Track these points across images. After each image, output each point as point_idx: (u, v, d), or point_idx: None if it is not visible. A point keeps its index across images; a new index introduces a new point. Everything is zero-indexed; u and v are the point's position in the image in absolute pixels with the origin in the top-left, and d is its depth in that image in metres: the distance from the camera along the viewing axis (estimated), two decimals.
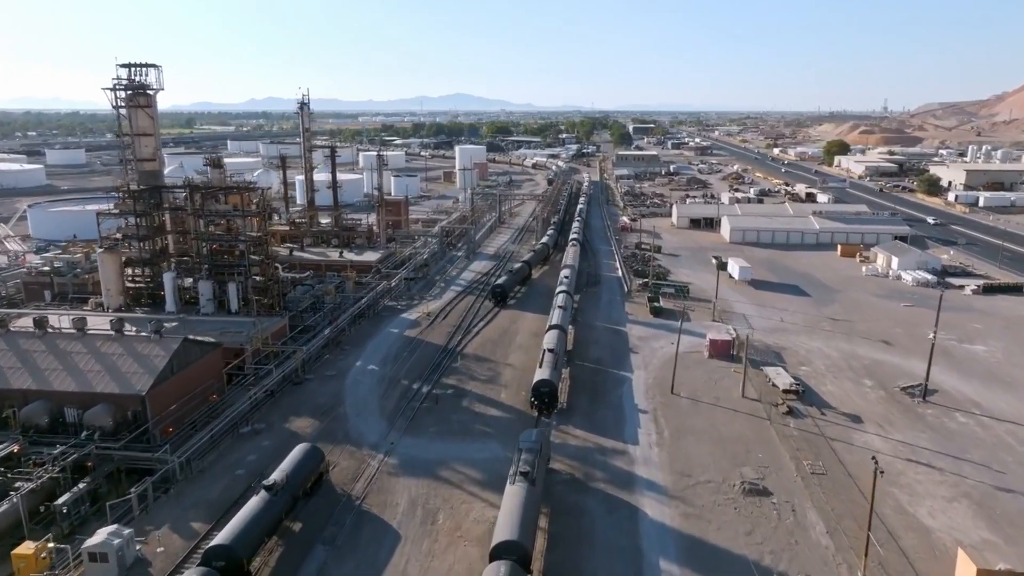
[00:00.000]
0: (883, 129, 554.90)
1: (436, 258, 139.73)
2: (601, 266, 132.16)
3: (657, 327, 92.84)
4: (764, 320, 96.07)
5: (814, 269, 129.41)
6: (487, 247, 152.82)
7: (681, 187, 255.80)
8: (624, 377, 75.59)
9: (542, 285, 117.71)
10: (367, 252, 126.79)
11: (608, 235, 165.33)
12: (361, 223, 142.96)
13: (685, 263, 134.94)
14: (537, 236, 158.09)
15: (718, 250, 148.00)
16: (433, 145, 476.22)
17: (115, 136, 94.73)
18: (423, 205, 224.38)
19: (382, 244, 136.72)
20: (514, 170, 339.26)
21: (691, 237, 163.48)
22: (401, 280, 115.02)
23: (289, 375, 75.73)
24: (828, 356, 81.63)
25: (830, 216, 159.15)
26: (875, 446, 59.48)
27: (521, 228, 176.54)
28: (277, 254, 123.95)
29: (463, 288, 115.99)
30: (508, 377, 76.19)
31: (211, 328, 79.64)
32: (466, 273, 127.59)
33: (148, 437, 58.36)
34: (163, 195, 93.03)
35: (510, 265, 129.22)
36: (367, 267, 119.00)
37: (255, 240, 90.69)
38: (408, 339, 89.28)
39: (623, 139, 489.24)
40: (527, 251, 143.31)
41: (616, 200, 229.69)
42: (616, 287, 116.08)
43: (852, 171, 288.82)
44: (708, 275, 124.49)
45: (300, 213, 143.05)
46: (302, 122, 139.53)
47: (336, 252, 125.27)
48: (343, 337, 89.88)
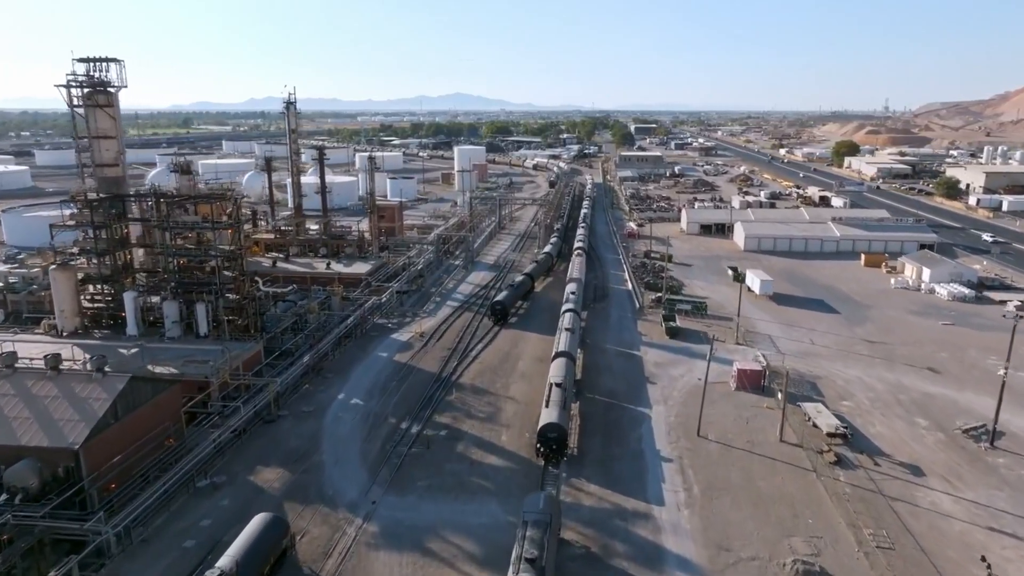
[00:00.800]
0: (889, 129, 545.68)
1: (432, 268, 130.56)
2: (609, 277, 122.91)
3: (675, 351, 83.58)
4: (792, 342, 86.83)
5: (838, 281, 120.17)
6: (486, 255, 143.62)
7: (688, 190, 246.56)
8: (642, 414, 66.34)
9: (546, 299, 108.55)
10: (357, 263, 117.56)
11: (615, 242, 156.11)
12: (352, 230, 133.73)
13: (698, 274, 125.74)
14: (539, 244, 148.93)
15: (732, 259, 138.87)
16: (432, 146, 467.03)
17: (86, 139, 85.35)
18: (420, 209, 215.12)
19: (374, 253, 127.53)
20: (514, 171, 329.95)
21: (702, 244, 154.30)
22: (393, 294, 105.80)
23: (261, 411, 66.59)
24: (871, 388, 72.35)
25: (851, 223, 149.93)
26: (945, 507, 50.30)
27: (522, 234, 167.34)
28: (259, 265, 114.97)
29: (460, 303, 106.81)
30: (510, 414, 66.96)
31: (174, 356, 70.54)
32: (464, 285, 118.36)
33: (84, 498, 49.20)
34: (126, 204, 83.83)
35: (511, 277, 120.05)
36: (356, 280, 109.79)
37: (228, 254, 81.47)
38: (398, 365, 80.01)
39: (625, 139, 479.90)
40: (529, 261, 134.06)
41: (621, 203, 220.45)
42: (626, 302, 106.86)
43: (863, 173, 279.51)
44: (724, 287, 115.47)
45: (287, 219, 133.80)
46: (288, 123, 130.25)
47: (323, 263, 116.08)
48: (326, 363, 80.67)
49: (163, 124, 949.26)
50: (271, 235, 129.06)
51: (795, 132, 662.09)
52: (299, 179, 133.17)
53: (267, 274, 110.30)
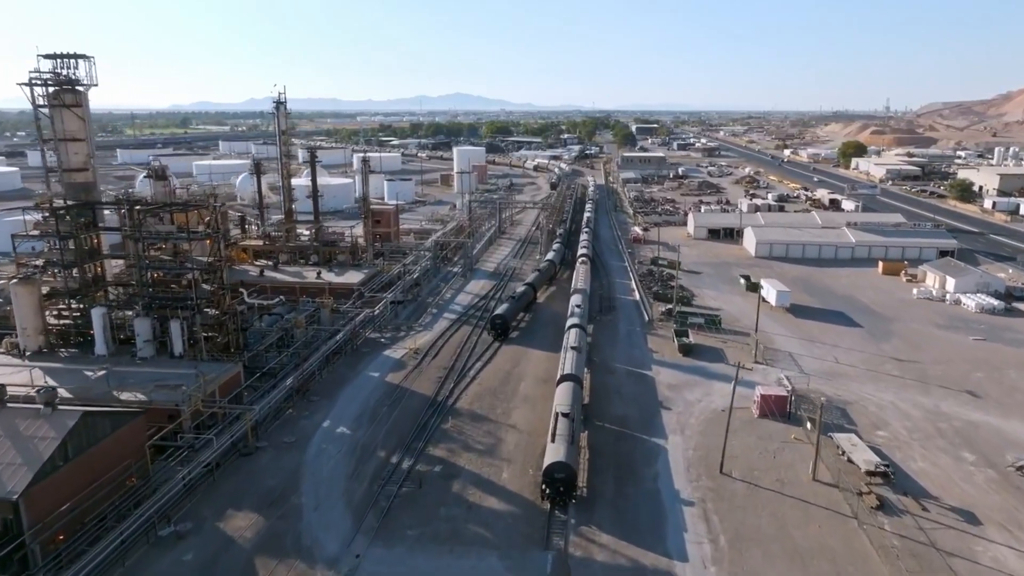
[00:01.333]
0: (894, 129, 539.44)
1: (429, 276, 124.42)
2: (615, 287, 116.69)
3: (689, 371, 77.34)
4: (815, 361, 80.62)
5: (857, 291, 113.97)
6: (486, 262, 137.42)
7: (692, 192, 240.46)
8: (657, 447, 60.14)
9: (549, 311, 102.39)
10: (349, 272, 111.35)
11: (619, 248, 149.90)
12: (344, 237, 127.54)
13: (708, 282, 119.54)
14: (541, 250, 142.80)
15: (743, 266, 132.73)
16: (431, 146, 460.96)
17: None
18: (417, 212, 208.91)
19: (368, 261, 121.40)
20: (515, 172, 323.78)
21: (711, 250, 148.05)
22: (387, 306, 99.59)
23: (237, 443, 60.42)
24: (907, 415, 66.13)
25: (866, 228, 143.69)
26: (1011, 565, 44.14)
27: (523, 239, 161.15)
28: (246, 274, 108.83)
29: (458, 315, 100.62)
30: (511, 445, 60.76)
31: (144, 380, 64.39)
32: (462, 295, 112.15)
33: (24, 555, 43.05)
34: (96, 212, 77.63)
35: (512, 287, 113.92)
36: (347, 291, 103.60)
37: (206, 266, 75.26)
38: (390, 387, 73.81)
39: (626, 140, 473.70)
40: (531, 269, 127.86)
41: (624, 206, 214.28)
42: (634, 314, 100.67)
43: (871, 174, 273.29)
44: (737, 298, 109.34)
45: (277, 225, 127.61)
46: (277, 123, 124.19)
47: (314, 272, 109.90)
48: (312, 384, 74.44)
49: (161, 124, 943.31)
50: (260, 242, 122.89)
51: (798, 132, 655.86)
52: (290, 182, 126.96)
53: (254, 284, 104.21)
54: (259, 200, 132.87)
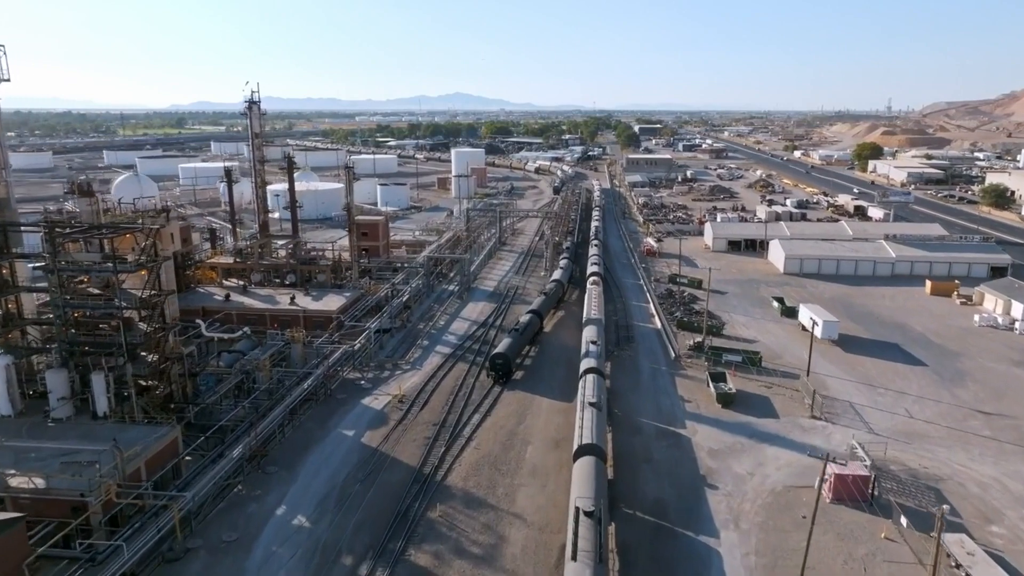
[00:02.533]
0: (904, 130, 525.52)
1: (421, 295, 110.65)
2: (631, 311, 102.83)
3: (733, 429, 63.47)
4: (882, 414, 66.80)
5: (906, 315, 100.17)
6: (485, 279, 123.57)
7: (704, 197, 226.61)
8: (705, 549, 46.26)
9: (558, 342, 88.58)
10: (329, 295, 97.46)
11: (632, 261, 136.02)
12: (325, 254, 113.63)
13: (736, 304, 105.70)
14: (546, 265, 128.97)
15: (772, 284, 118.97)
16: (429, 147, 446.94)
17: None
18: (412, 219, 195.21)
19: (352, 280, 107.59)
20: (515, 175, 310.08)
21: (733, 264, 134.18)
22: (370, 337, 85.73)
23: (161, 542, 46.56)
24: (1022, 499, 52.22)
25: (907, 241, 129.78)
26: None
27: (526, 251, 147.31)
28: (210, 298, 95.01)
29: (453, 347, 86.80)
30: (517, 547, 46.85)
31: (50, 455, 50.61)
32: (458, 322, 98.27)
33: None
34: (8, 236, 63.73)
35: (514, 311, 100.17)
36: (326, 319, 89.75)
37: (142, 303, 61.38)
38: (366, 452, 59.92)
39: (630, 141, 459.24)
40: (535, 288, 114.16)
41: (633, 213, 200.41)
42: (656, 347, 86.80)
43: (892, 178, 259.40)
44: (771, 325, 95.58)
45: (249, 239, 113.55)
46: (251, 126, 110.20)
47: (288, 295, 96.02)
48: (270, 448, 60.57)
49: (156, 124, 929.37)
50: (230, 259, 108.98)
51: (804, 133, 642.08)
52: (264, 191, 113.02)
53: (217, 311, 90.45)
54: (230, 212, 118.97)
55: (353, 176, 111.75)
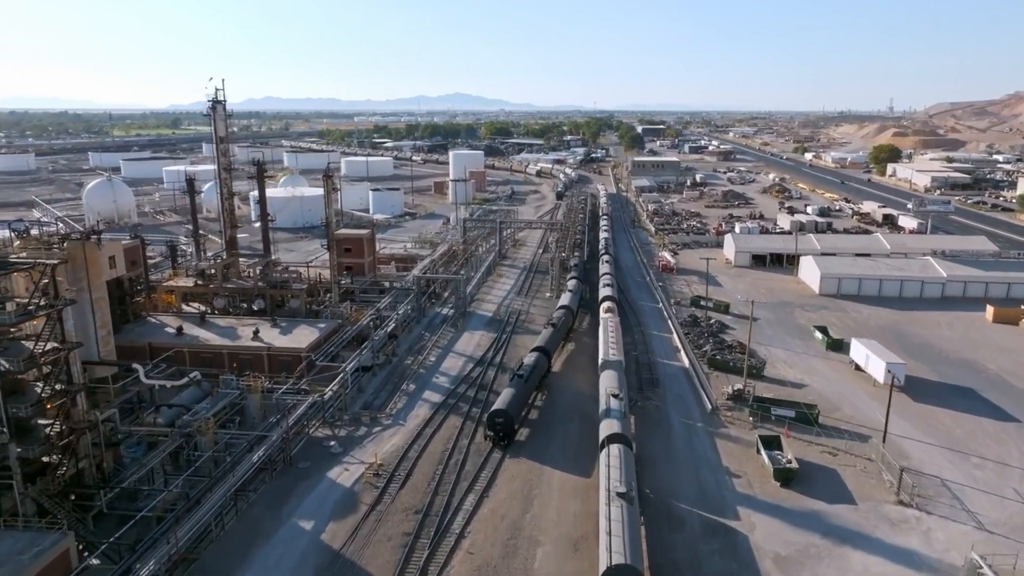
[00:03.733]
0: (916, 131, 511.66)
1: (410, 322, 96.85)
2: (652, 343, 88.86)
3: (802, 522, 49.42)
4: (987, 496, 52.78)
5: (972, 348, 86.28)
6: (484, 301, 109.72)
7: (718, 203, 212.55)
8: None
9: (569, 386, 74.70)
10: (300, 327, 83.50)
11: (647, 279, 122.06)
12: (301, 274, 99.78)
13: (771, 334, 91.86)
14: (552, 284, 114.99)
15: (808, 307, 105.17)
16: (427, 148, 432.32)
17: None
18: (405, 227, 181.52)
19: (331, 304, 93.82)
20: (516, 178, 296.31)
21: (760, 282, 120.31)
22: (346, 380, 71.87)
23: None
24: None
25: (957, 258, 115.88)
26: None
27: (528, 267, 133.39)
28: (161, 331, 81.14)
29: (445, 392, 72.98)
30: None
31: None
32: (451, 358, 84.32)
33: None
34: None
35: (517, 347, 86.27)
36: (294, 358, 75.82)
37: (28, 362, 47.39)
38: (325, 559, 45.93)
39: (634, 142, 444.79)
40: (540, 314, 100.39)
41: (643, 221, 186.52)
42: (686, 392, 72.90)
43: (915, 182, 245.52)
44: (817, 362, 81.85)
45: (214, 259, 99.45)
46: (215, 129, 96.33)
47: (254, 326, 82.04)
48: (202, 550, 46.62)
49: (151, 124, 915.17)
50: (192, 281, 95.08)
51: (811, 134, 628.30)
52: (232, 203, 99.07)
53: (167, 348, 76.47)
54: (193, 227, 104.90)
55: (333, 185, 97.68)
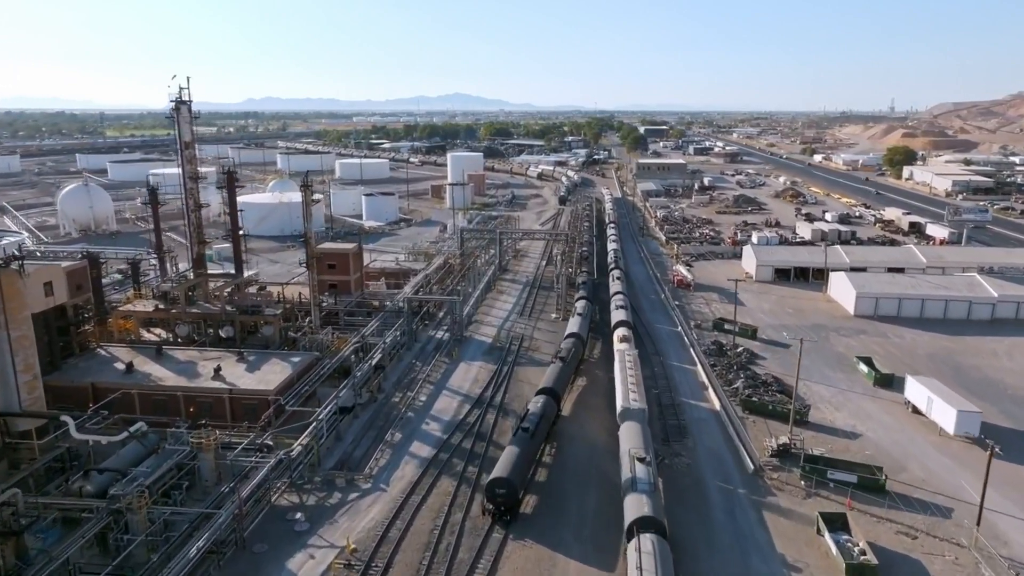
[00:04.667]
0: (925, 132, 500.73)
1: (399, 350, 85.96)
2: (674, 379, 77.87)
3: None
4: None
5: None
6: (483, 322, 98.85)
7: (730, 209, 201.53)
8: None
9: (582, 437, 63.80)
10: (270, 361, 72.43)
11: (662, 296, 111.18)
12: (278, 295, 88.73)
13: (807, 364, 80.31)
14: (558, 303, 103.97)
15: (844, 331, 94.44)
16: (424, 150, 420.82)
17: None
18: (400, 235, 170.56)
19: (312, 330, 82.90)
20: (516, 181, 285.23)
21: (787, 301, 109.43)
22: (320, 430, 60.99)
23: None
24: None
25: (1008, 275, 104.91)
26: None
27: (531, 281, 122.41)
28: (107, 369, 70.14)
29: (436, 443, 62.14)
30: None
31: None
32: (444, 396, 73.41)
33: None
34: None
35: (520, 381, 75.32)
36: (261, 402, 64.79)
37: None
38: None
39: (636, 143, 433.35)
40: (545, 340, 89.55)
41: (652, 228, 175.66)
42: (721, 448, 61.90)
43: (934, 186, 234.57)
44: (867, 403, 71.17)
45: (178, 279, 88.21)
46: (178, 133, 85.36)
47: (215, 362, 71.00)
48: None
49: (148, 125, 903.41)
50: (152, 305, 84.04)
51: (816, 134, 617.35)
52: (198, 217, 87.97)
53: (113, 389, 65.52)
54: (157, 242, 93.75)
55: (314, 194, 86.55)
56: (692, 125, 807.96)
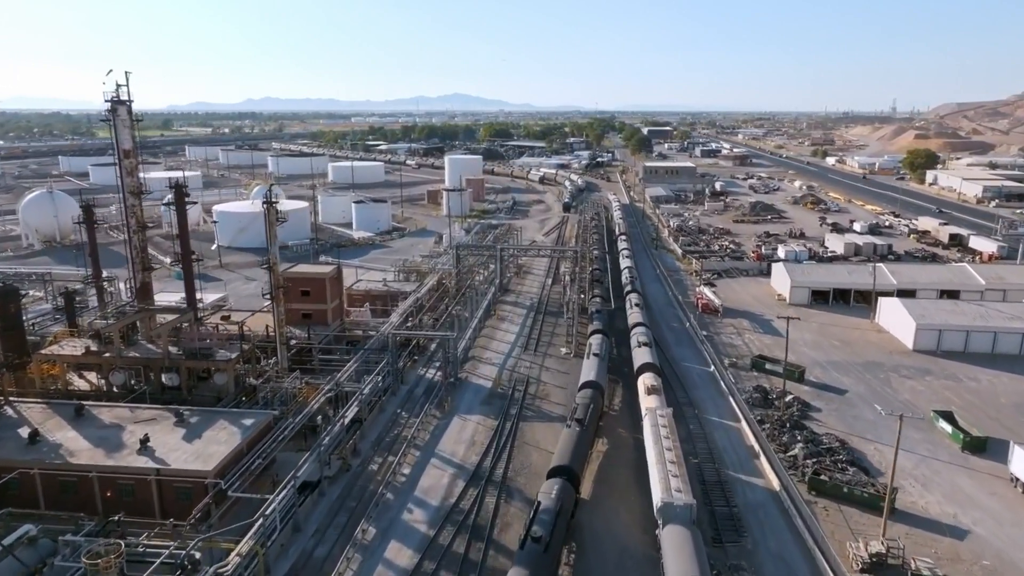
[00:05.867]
0: (938, 133, 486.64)
1: (382, 396, 71.90)
2: (718, 445, 63.55)
3: None
4: None
5: None
6: (480, 360, 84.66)
7: (747, 217, 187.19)
8: None
9: (608, 531, 49.72)
10: (214, 427, 57.96)
11: (687, 325, 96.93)
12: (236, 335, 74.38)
13: (869, 417, 66.95)
14: (569, 333, 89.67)
15: (902, 369, 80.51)
16: (422, 152, 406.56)
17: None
18: (392, 247, 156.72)
19: (277, 372, 68.88)
20: (517, 185, 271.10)
21: (828, 330, 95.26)
22: (273, 521, 46.82)
23: None
24: None
25: None
26: None
27: (536, 305, 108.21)
28: (12, 434, 56.00)
29: (420, 544, 48.00)
30: None
31: None
32: (434, 466, 59.24)
33: None
34: None
35: (526, 441, 61.12)
36: (196, 485, 50.51)
37: None
38: None
39: (641, 145, 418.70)
40: (554, 383, 75.33)
41: (665, 239, 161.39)
42: (790, 551, 47.73)
43: (963, 192, 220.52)
44: (955, 473, 57.37)
45: (115, 314, 73.76)
46: (116, 140, 71.27)
47: (148, 424, 56.71)
48: None
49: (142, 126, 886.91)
50: (83, 347, 69.69)
51: (823, 135, 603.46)
52: (143, 239, 73.74)
53: (9, 468, 51.23)
54: (94, 268, 79.26)
55: (278, 217, 72.29)
56: (695, 126, 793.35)
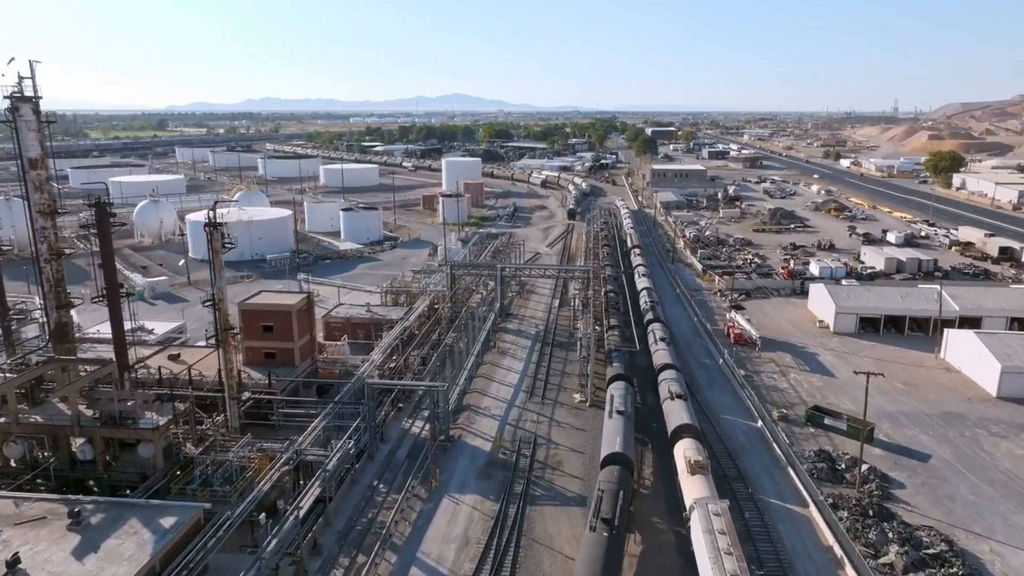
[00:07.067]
0: (952, 134, 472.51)
1: (354, 463, 57.68)
2: (785, 547, 49.08)
3: None
4: None
5: None
6: (477, 410, 70.28)
7: (769, 226, 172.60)
8: None
9: None
10: (118, 532, 43.29)
11: (720, 362, 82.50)
12: (165, 395, 59.91)
13: (967, 496, 52.96)
14: (583, 372, 75.38)
15: (990, 422, 66.65)
16: (419, 153, 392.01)
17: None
18: (382, 259, 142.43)
19: (226, 441, 54.66)
20: (517, 189, 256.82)
21: (886, 367, 79.82)
22: None
23: None
24: None
25: None
26: None
27: (543, 334, 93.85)
28: None
29: None
30: None
31: None
32: (415, 574, 44.89)
33: None
34: None
35: (533, 535, 46.71)
36: None
37: None
38: None
39: (645, 146, 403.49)
40: (566, 444, 60.91)
41: (681, 251, 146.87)
42: None
43: (997, 198, 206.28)
44: None
45: (17, 363, 59.34)
46: (19, 148, 56.82)
47: (30, 527, 42.37)
48: None
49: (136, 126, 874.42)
50: None
51: (831, 136, 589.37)
52: (59, 267, 59.39)
53: None
54: None
55: (225, 243, 57.95)
56: (697, 126, 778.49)
